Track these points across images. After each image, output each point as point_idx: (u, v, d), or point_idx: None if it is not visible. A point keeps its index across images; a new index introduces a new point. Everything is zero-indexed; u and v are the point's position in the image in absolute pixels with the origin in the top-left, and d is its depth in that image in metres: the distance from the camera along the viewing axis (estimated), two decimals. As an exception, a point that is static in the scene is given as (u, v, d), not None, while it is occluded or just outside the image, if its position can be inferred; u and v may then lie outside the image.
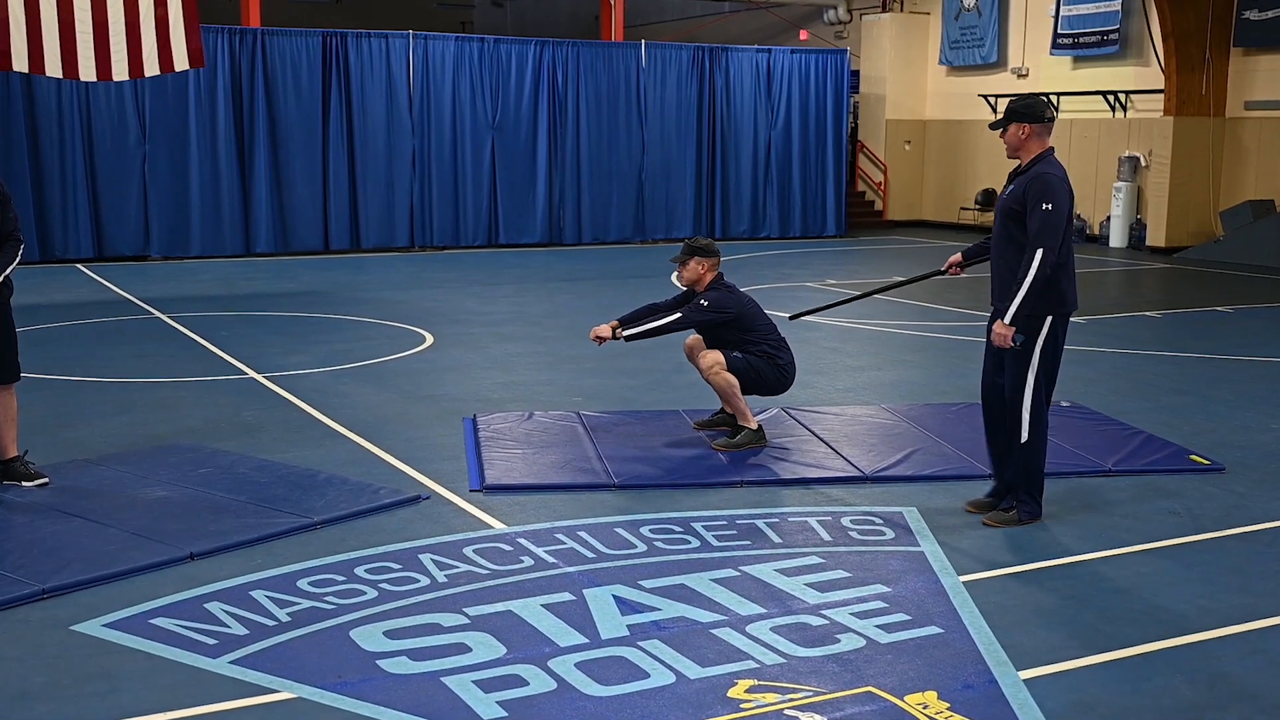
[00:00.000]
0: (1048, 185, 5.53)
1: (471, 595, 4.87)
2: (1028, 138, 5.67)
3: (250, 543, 5.43)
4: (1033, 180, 5.57)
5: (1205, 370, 9.75)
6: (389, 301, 13.39)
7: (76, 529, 5.54)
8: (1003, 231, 5.72)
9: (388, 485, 6.31)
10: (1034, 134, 5.67)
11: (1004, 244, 5.72)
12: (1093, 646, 4.45)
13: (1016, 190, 5.63)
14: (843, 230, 22.22)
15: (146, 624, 4.58)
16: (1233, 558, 5.45)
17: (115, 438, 7.35)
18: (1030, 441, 5.71)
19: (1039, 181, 5.55)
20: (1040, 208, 5.49)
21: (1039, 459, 5.79)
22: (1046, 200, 5.49)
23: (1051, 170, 5.59)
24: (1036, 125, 5.66)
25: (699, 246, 7.26)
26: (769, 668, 4.24)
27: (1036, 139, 5.68)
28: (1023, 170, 5.70)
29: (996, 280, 5.80)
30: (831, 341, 10.83)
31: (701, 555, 5.37)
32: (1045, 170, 5.59)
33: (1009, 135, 5.71)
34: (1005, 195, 5.72)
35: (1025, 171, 5.66)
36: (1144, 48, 19.94)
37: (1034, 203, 5.51)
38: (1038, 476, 5.82)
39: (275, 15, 21.08)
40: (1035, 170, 5.61)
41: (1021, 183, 5.63)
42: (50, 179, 16.71)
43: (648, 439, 7.28)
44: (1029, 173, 5.63)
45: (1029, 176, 5.61)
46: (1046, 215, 5.48)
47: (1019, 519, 5.80)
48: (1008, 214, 5.66)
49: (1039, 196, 5.51)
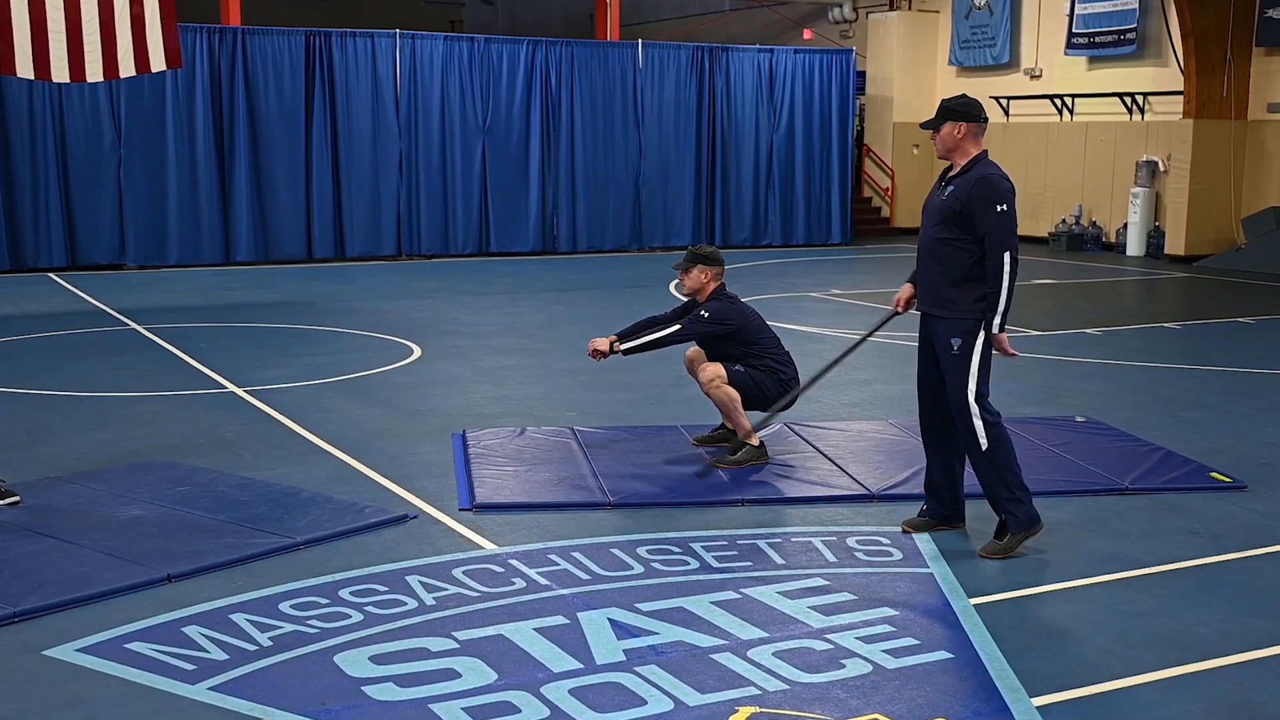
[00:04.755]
0: (996, 187, 5.55)
1: (461, 619, 4.88)
2: (963, 138, 5.68)
3: (230, 564, 5.44)
4: (978, 182, 5.58)
5: (1226, 384, 9.77)
6: (375, 312, 13.41)
7: (49, 549, 5.54)
8: (938, 233, 5.71)
9: (373, 504, 6.32)
10: (969, 134, 5.68)
11: (939, 245, 5.72)
12: (1109, 672, 4.47)
13: (958, 192, 5.63)
14: (848, 238, 22.27)
15: (122, 649, 4.58)
16: (1255, 580, 5.46)
17: (89, 454, 7.36)
18: (990, 449, 5.66)
19: (985, 184, 5.56)
20: (994, 210, 5.51)
21: (1007, 463, 5.69)
22: (999, 202, 5.52)
23: (994, 171, 5.63)
24: (972, 125, 5.67)
25: (703, 254, 7.29)
26: (771, 695, 4.25)
27: (972, 139, 5.69)
28: (961, 172, 5.70)
29: (927, 282, 5.81)
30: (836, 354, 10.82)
31: (701, 577, 5.38)
32: (989, 171, 5.62)
33: (943, 135, 5.71)
34: (943, 196, 5.72)
35: (965, 173, 5.67)
36: (1162, 47, 20.02)
37: (984, 205, 5.53)
38: (1011, 482, 5.70)
39: (256, 14, 21.14)
40: (978, 172, 5.62)
41: (964, 184, 5.63)
42: (21, 184, 16.74)
43: (645, 456, 7.30)
44: (970, 174, 5.64)
45: (972, 178, 5.62)
46: (1002, 217, 5.52)
47: (1017, 535, 5.71)
48: (947, 215, 5.66)
49: (989, 199, 5.53)
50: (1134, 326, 12.68)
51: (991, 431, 5.68)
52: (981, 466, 5.72)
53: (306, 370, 10.01)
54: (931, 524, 6.03)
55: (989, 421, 5.68)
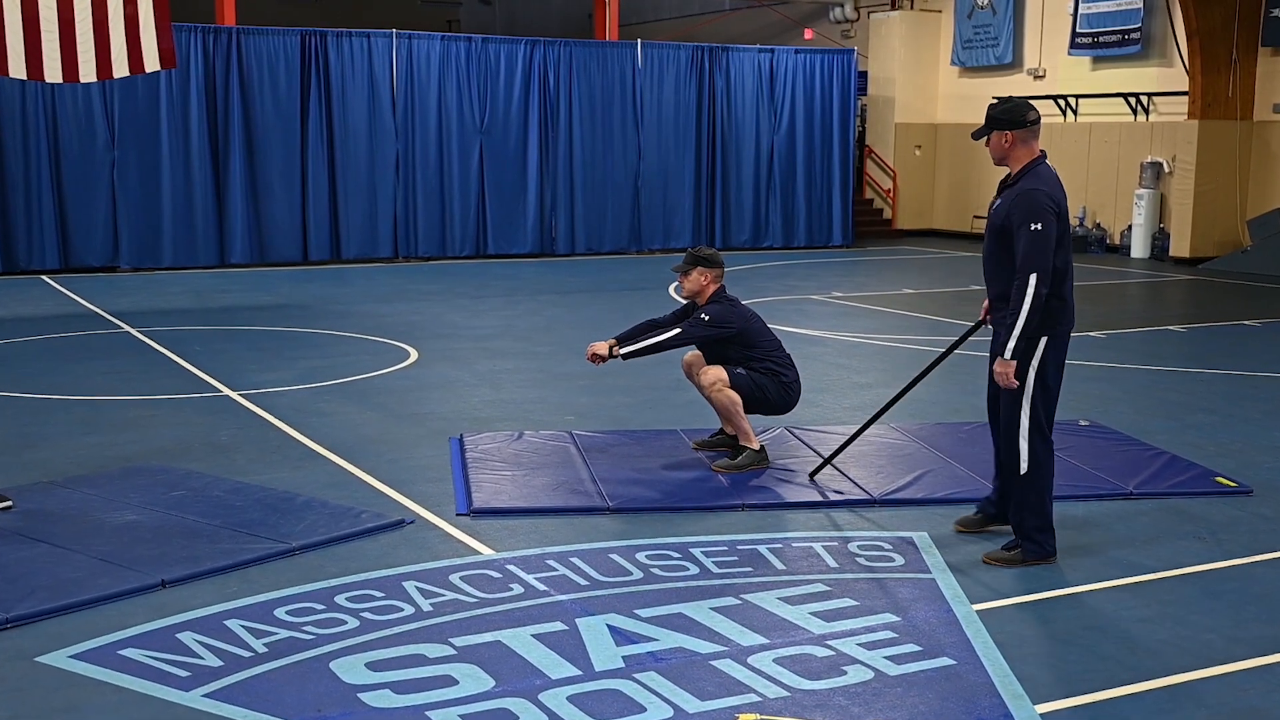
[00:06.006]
0: (1034, 204, 5.41)
1: (458, 625, 4.88)
2: (1011, 146, 5.59)
3: (225, 569, 5.44)
4: (1019, 198, 5.47)
5: (1232, 387, 9.78)
6: (371, 315, 13.42)
7: (42, 555, 5.55)
8: (993, 249, 5.66)
9: (370, 509, 6.33)
10: (1018, 141, 5.58)
11: (994, 264, 5.66)
12: (1113, 679, 4.47)
13: (1003, 206, 5.57)
14: (850, 240, 22.29)
15: (115, 655, 4.58)
16: (1261, 585, 5.47)
17: (83, 459, 7.36)
18: (1030, 475, 5.59)
19: (1024, 199, 5.44)
20: (1028, 228, 5.38)
21: (1043, 493, 5.64)
22: (1034, 220, 5.38)
23: (1038, 185, 5.48)
24: (1020, 131, 5.57)
25: (703, 256, 7.29)
26: (772, 701, 4.26)
27: (1023, 145, 5.59)
28: (1011, 182, 5.62)
29: (990, 295, 5.77)
30: (838, 358, 10.86)
31: (701, 583, 5.38)
32: (1032, 186, 5.48)
33: (992, 145, 5.65)
34: (994, 209, 5.67)
35: (1014, 184, 5.58)
36: (1167, 47, 20.04)
37: (1020, 223, 5.41)
38: (1042, 512, 5.65)
39: (251, 13, 21.15)
40: (1022, 186, 5.51)
41: (1009, 197, 5.56)
42: (14, 186, 16.74)
43: (644, 460, 7.30)
44: (1016, 187, 5.55)
45: (1015, 192, 5.52)
46: (1034, 237, 5.37)
47: (1022, 559, 5.66)
48: (997, 231, 5.60)
49: (1025, 216, 5.40)
50: (1138, 329, 12.69)
51: (1035, 457, 5.58)
52: (1019, 490, 5.68)
53: (302, 374, 10.02)
54: (984, 522, 6.03)
55: (1036, 446, 5.58)
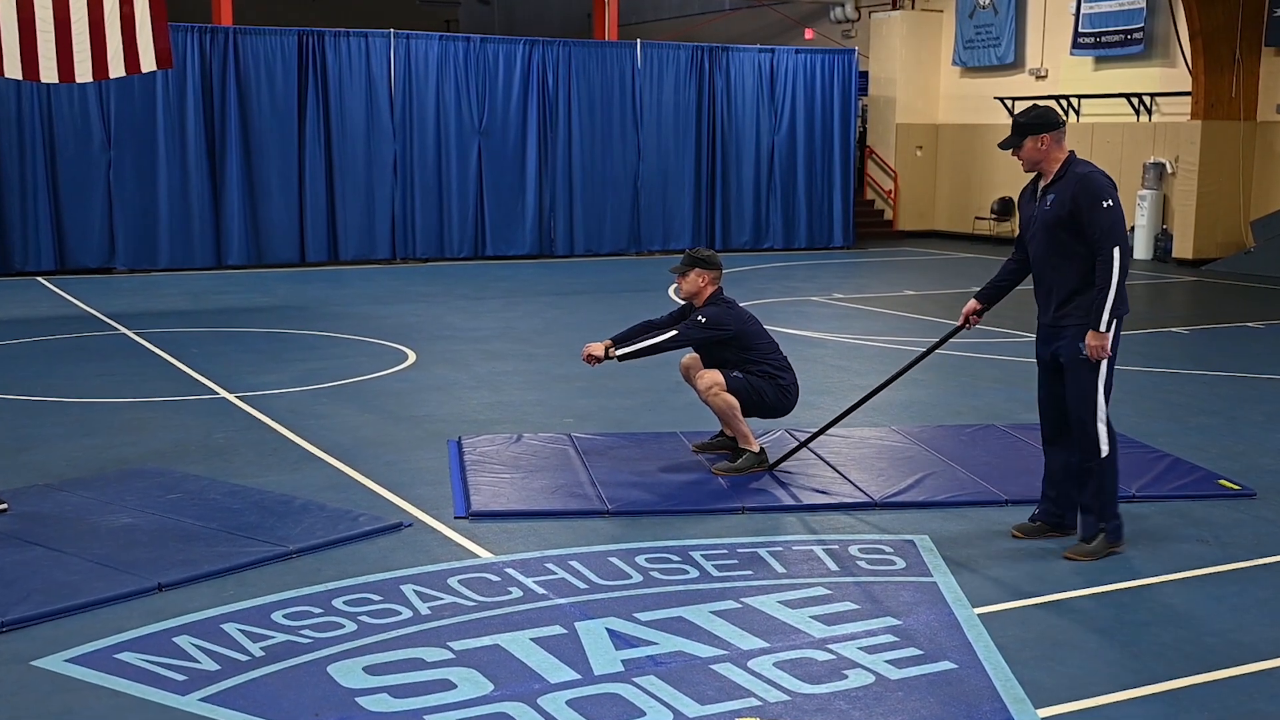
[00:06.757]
0: (1098, 184, 5.65)
1: (456, 628, 4.89)
2: (1048, 148, 5.79)
3: (221, 573, 5.44)
4: (1079, 183, 5.67)
5: (1235, 390, 9.79)
6: (369, 317, 13.42)
7: (37, 558, 5.55)
8: (1050, 247, 5.78)
9: (367, 512, 6.33)
10: (1053, 142, 5.79)
11: (1056, 258, 5.78)
12: (1116, 683, 4.47)
13: (1061, 198, 5.71)
14: (850, 241, 22.29)
15: (111, 659, 4.58)
16: (1264, 588, 5.47)
17: (78, 461, 7.36)
18: (1110, 457, 5.80)
19: (1086, 183, 5.66)
20: (1100, 206, 5.60)
21: (1118, 475, 5.91)
22: (1104, 198, 5.61)
23: (1091, 169, 5.74)
24: (1055, 133, 5.78)
25: (701, 258, 7.30)
26: (772, 705, 4.26)
27: (1058, 146, 5.80)
28: (1056, 179, 5.77)
29: (1047, 294, 5.86)
30: (837, 359, 10.86)
31: (700, 586, 5.39)
32: (1085, 170, 5.73)
33: (1026, 151, 5.81)
34: (1046, 207, 5.78)
35: (1061, 179, 5.75)
36: (1170, 47, 20.05)
37: (1089, 204, 5.61)
38: (1117, 494, 5.92)
39: (248, 13, 21.17)
40: (1075, 173, 5.73)
41: (1064, 189, 5.71)
42: (9, 187, 16.74)
43: (643, 463, 7.30)
44: (1067, 178, 5.73)
45: (1070, 181, 5.71)
46: (1109, 211, 5.60)
47: (1107, 545, 5.82)
48: (1057, 224, 5.72)
49: (1093, 197, 5.61)
50: (1141, 331, 12.69)
51: (1113, 440, 5.80)
52: (1097, 474, 5.80)
53: (299, 375, 10.02)
54: (1044, 529, 6.10)
55: (1110, 430, 5.80)
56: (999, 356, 11.02)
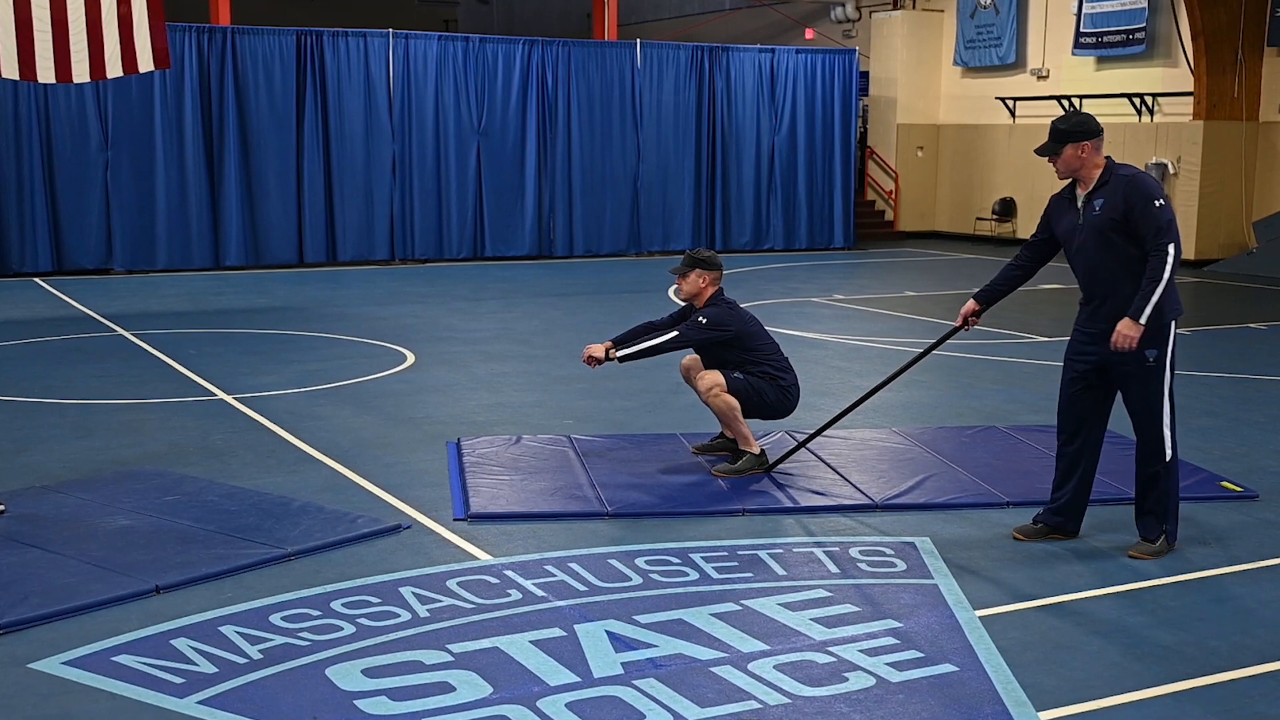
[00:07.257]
0: (1148, 184, 5.68)
1: (455, 631, 4.88)
2: (1087, 155, 5.78)
3: (219, 575, 5.44)
4: (1128, 185, 5.69)
5: (1237, 391, 9.79)
6: (367, 318, 13.42)
7: (34, 560, 5.54)
8: (1105, 251, 5.76)
9: (366, 514, 6.33)
10: (1093, 149, 5.79)
11: (1110, 264, 5.76)
12: (1118, 686, 4.47)
13: (1111, 201, 5.71)
14: (851, 242, 22.30)
15: (109, 661, 4.58)
16: (1267, 591, 5.47)
17: (76, 463, 7.36)
18: (1173, 460, 5.84)
19: (1135, 183, 5.69)
20: (1153, 206, 5.62)
21: (1179, 476, 5.95)
22: (1156, 197, 5.64)
23: (1137, 171, 5.77)
24: (1096, 140, 5.79)
25: (701, 258, 7.30)
26: (772, 708, 4.26)
27: (1097, 153, 5.81)
28: (1100, 184, 5.77)
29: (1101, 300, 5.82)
30: (838, 360, 10.86)
31: (700, 588, 5.39)
32: (1133, 172, 5.76)
33: (1066, 159, 5.79)
34: (1095, 213, 5.75)
35: (1106, 183, 5.75)
36: (1172, 47, 20.06)
37: (1141, 204, 5.63)
38: (1178, 494, 5.96)
39: (246, 13, 21.16)
40: (1121, 175, 5.74)
41: (1113, 192, 5.71)
42: (6, 187, 16.75)
43: (643, 464, 7.30)
44: (1112, 182, 5.74)
45: (1118, 184, 5.72)
46: (1163, 209, 5.63)
47: (1169, 545, 5.88)
48: (1110, 228, 5.71)
49: (1144, 197, 5.64)
50: (1143, 332, 12.68)
51: (1175, 443, 5.85)
52: (1163, 477, 5.84)
53: (298, 377, 10.02)
54: (1045, 531, 6.10)
55: (1174, 434, 5.85)
56: (1000, 358, 11.02)
